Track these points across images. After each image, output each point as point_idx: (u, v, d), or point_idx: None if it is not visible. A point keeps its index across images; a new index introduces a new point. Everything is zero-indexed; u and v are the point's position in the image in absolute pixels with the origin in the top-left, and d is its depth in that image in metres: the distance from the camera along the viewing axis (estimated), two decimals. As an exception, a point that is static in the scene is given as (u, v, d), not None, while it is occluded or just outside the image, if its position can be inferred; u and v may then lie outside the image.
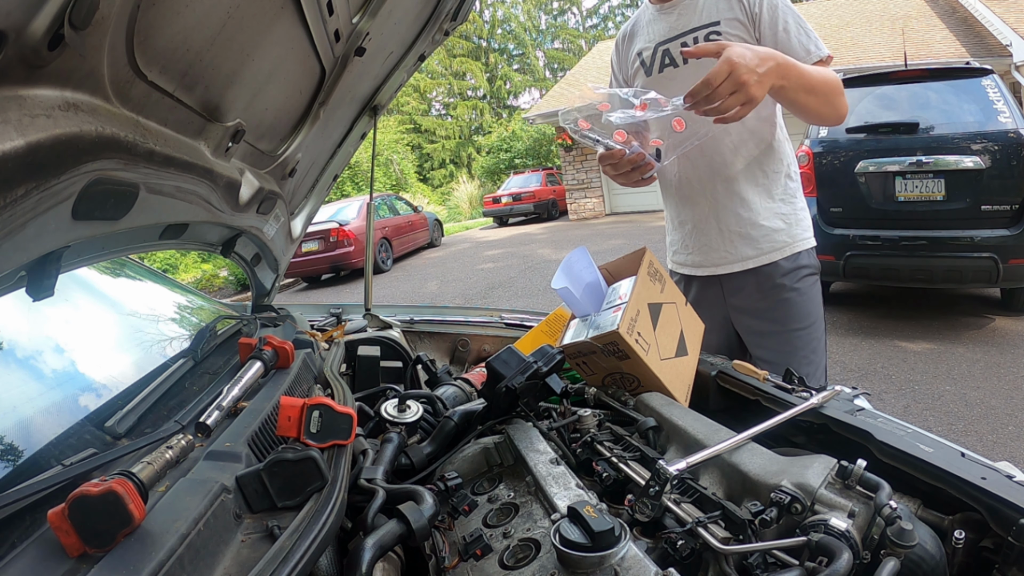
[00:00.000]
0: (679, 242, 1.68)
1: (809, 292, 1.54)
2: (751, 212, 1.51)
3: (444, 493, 0.86)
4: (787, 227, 1.52)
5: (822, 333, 1.57)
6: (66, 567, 0.54)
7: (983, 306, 4.78)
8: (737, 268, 1.55)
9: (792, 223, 1.53)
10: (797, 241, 1.53)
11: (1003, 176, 3.88)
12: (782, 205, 1.53)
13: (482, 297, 7.58)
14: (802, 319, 1.53)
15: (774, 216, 1.52)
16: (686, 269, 1.67)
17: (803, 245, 1.54)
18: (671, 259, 1.74)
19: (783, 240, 1.52)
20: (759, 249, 1.52)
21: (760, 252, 1.52)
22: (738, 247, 1.53)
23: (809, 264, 1.55)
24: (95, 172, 0.63)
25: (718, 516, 0.73)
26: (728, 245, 1.55)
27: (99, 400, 0.90)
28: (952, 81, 4.25)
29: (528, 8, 34.32)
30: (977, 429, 3.00)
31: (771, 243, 1.52)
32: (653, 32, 1.54)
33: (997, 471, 0.77)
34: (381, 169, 20.07)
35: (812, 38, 1.38)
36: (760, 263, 1.53)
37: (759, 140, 1.49)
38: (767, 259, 1.52)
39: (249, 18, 0.83)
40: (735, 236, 1.53)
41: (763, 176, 1.51)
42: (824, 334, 1.59)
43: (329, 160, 1.72)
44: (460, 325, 1.90)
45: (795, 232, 1.53)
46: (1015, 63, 9.03)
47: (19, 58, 0.48)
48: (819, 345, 1.56)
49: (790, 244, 1.52)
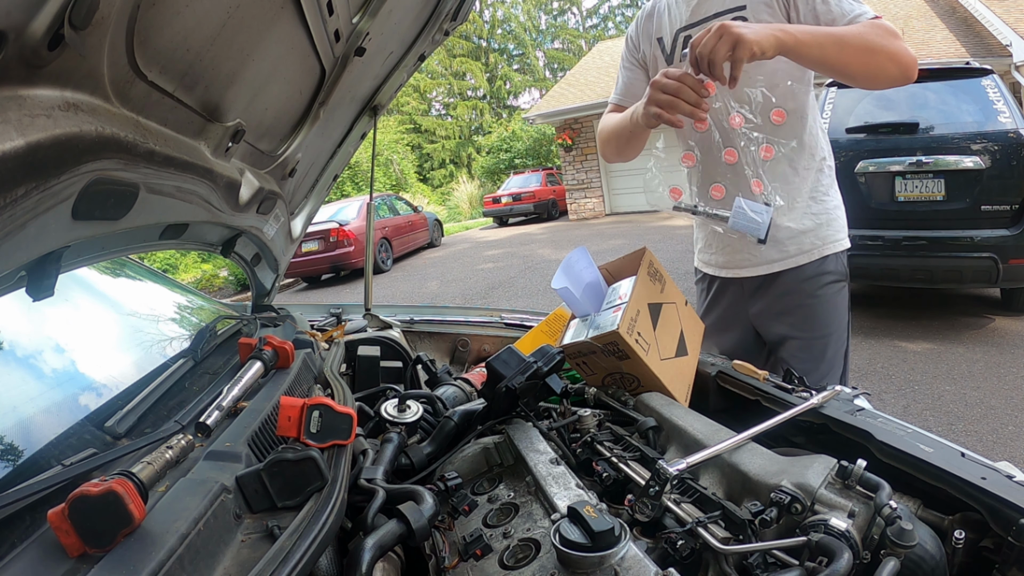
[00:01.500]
0: (703, 240, 1.62)
1: (832, 300, 1.46)
2: (778, 214, 1.40)
3: (444, 493, 0.86)
4: (816, 228, 1.44)
5: (843, 344, 1.49)
6: (66, 567, 0.54)
7: (983, 306, 4.78)
8: (762, 271, 1.48)
9: (823, 223, 1.44)
10: (827, 243, 1.44)
11: (1003, 176, 3.88)
12: (812, 204, 1.44)
13: (482, 297, 7.58)
14: (819, 328, 1.46)
15: (803, 216, 1.43)
16: (710, 269, 1.61)
17: (832, 248, 1.45)
18: (697, 256, 1.67)
19: (811, 243, 1.44)
20: (784, 252, 1.44)
21: (785, 255, 1.44)
22: (762, 249, 1.45)
23: (834, 270, 1.45)
24: (95, 172, 0.63)
25: (718, 516, 0.73)
26: (752, 247, 1.47)
27: (99, 400, 0.90)
28: (952, 81, 4.25)
29: (528, 8, 34.31)
30: (977, 429, 3.00)
31: (798, 245, 1.44)
32: (675, 16, 1.43)
33: (997, 471, 0.77)
34: (381, 169, 20.07)
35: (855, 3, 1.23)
36: (785, 267, 1.45)
37: (788, 135, 1.36)
38: (793, 262, 1.44)
39: (249, 18, 0.83)
40: None
41: (793, 173, 1.41)
42: (845, 345, 1.50)
43: (329, 160, 1.72)
44: (460, 325, 1.90)
45: (825, 233, 1.44)
46: (1015, 63, 9.03)
47: (19, 58, 0.48)
48: (836, 357, 1.47)
49: (818, 247, 1.44)
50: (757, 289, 1.52)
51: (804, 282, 1.45)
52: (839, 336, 1.47)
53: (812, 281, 1.44)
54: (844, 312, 1.48)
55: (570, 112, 14.34)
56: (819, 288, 1.45)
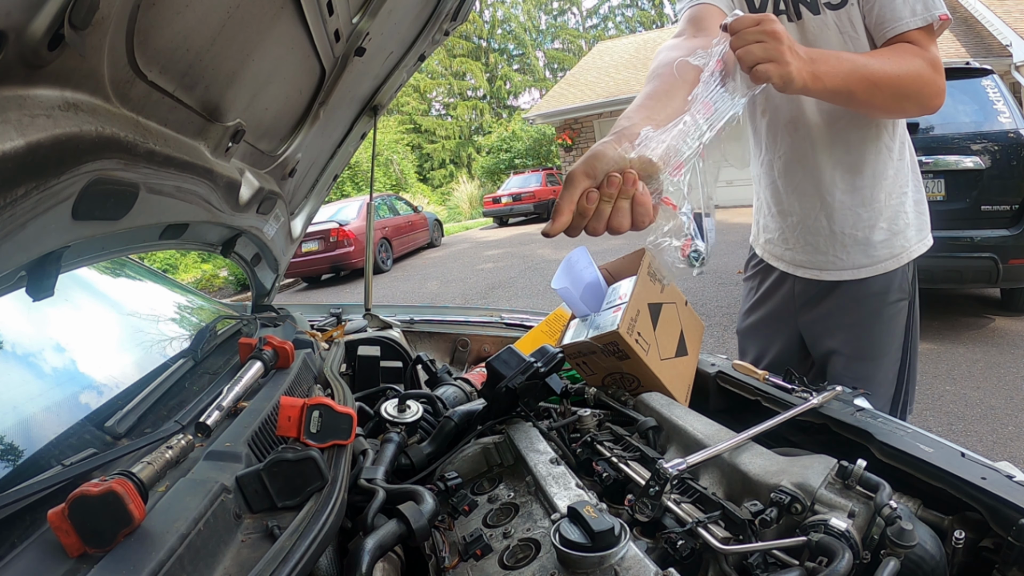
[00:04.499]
0: (777, 231, 1.44)
1: (891, 322, 1.32)
2: (873, 212, 1.27)
3: (444, 493, 0.86)
4: (906, 228, 1.29)
5: (892, 369, 1.35)
6: (66, 567, 0.54)
7: (983, 306, 4.78)
8: (846, 276, 1.34)
9: (918, 225, 1.31)
10: (912, 247, 1.30)
11: (1003, 176, 3.88)
12: (906, 201, 1.29)
13: (482, 297, 7.57)
14: (869, 350, 1.34)
15: (898, 214, 1.28)
16: (782, 264, 1.45)
17: (919, 249, 1.31)
18: (763, 245, 1.50)
19: (900, 246, 1.30)
20: (873, 257, 1.30)
21: (874, 260, 1.31)
22: (852, 253, 1.31)
23: (899, 287, 1.32)
24: (95, 172, 0.63)
25: (718, 516, 0.73)
26: (839, 249, 1.32)
27: (99, 400, 0.90)
28: (952, 81, 4.20)
29: (528, 8, 34.34)
30: (977, 429, 3.00)
31: (889, 248, 1.30)
32: None
33: (997, 471, 0.77)
34: (381, 169, 20.08)
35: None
36: (870, 274, 1.31)
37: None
38: (877, 270, 1.31)
39: (249, 18, 0.83)
40: (850, 240, 1.31)
41: (891, 164, 1.25)
42: (898, 370, 1.35)
43: (329, 160, 1.72)
44: (460, 325, 1.90)
45: (912, 236, 1.30)
46: (1015, 63, 9.03)
47: (19, 58, 0.48)
48: (886, 383, 1.34)
49: (907, 249, 1.30)
50: (814, 296, 1.39)
51: (868, 298, 1.32)
52: (891, 360, 1.34)
53: (876, 298, 1.32)
54: (900, 333, 1.34)
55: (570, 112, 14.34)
56: (883, 306, 1.32)
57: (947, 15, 1.11)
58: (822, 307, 1.39)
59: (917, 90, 1.10)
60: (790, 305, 1.45)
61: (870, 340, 1.34)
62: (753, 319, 1.55)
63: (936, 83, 1.11)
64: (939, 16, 1.10)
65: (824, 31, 1.20)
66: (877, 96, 1.08)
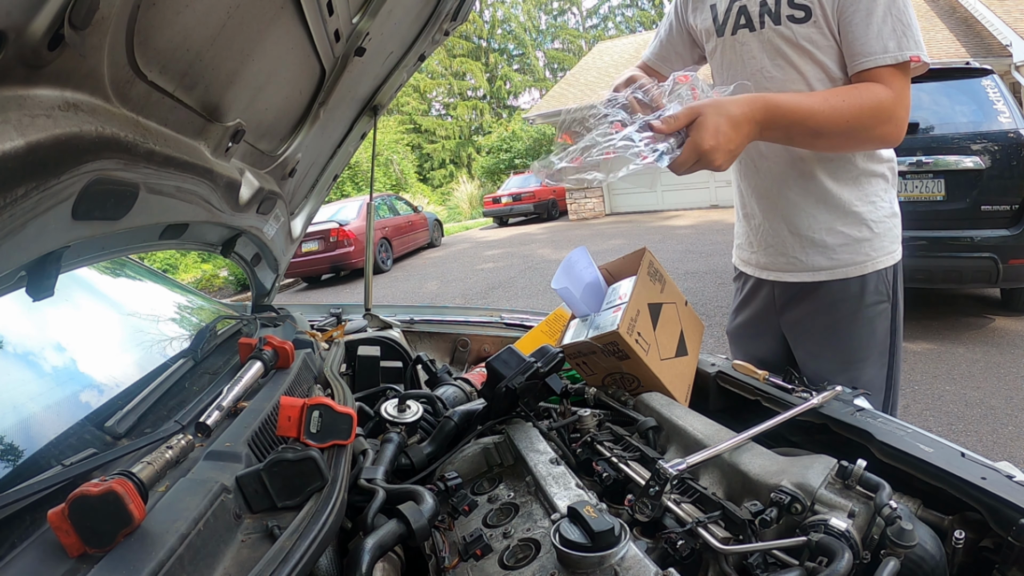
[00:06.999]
0: (743, 236, 1.47)
1: (870, 325, 1.30)
2: (832, 215, 1.27)
3: (444, 493, 0.86)
4: (872, 238, 1.28)
5: (880, 373, 1.33)
6: (66, 567, 0.54)
7: (983, 306, 4.78)
8: (805, 279, 1.33)
9: (881, 232, 1.29)
10: (880, 256, 1.29)
11: (1003, 176, 3.87)
12: (872, 209, 1.27)
13: (482, 297, 7.58)
14: (849, 353, 1.32)
15: (860, 223, 1.27)
16: (748, 268, 1.47)
17: (885, 261, 1.29)
18: (735, 253, 1.54)
19: (865, 254, 1.28)
20: (834, 261, 1.29)
21: (835, 264, 1.29)
22: (810, 255, 1.31)
23: (877, 290, 1.29)
24: (95, 172, 0.63)
25: (718, 516, 0.73)
26: (799, 251, 1.32)
27: (99, 400, 0.90)
28: (952, 81, 4.25)
29: (528, 8, 34.34)
30: (977, 429, 3.00)
31: (850, 254, 1.28)
32: None
33: (997, 471, 0.77)
34: (381, 169, 20.07)
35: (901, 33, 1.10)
36: (832, 277, 1.30)
37: None
38: (841, 274, 1.29)
39: (249, 18, 0.83)
40: (808, 242, 1.30)
41: (855, 169, 1.26)
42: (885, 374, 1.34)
43: (329, 160, 1.72)
44: (460, 325, 1.90)
45: (880, 245, 1.28)
46: (1015, 63, 9.02)
47: (19, 58, 0.48)
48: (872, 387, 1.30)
49: (872, 259, 1.28)
50: (792, 298, 1.38)
51: (843, 301, 1.30)
52: (873, 364, 1.32)
53: (851, 302, 1.30)
54: (884, 337, 1.32)
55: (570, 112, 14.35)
56: (860, 309, 1.30)
57: (919, 57, 1.11)
58: (800, 309, 1.38)
59: (869, 129, 1.13)
60: (771, 307, 1.45)
61: (848, 344, 1.32)
62: (740, 320, 1.55)
63: (893, 121, 1.13)
64: (910, 57, 1.10)
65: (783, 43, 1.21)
66: (820, 142, 1.16)
